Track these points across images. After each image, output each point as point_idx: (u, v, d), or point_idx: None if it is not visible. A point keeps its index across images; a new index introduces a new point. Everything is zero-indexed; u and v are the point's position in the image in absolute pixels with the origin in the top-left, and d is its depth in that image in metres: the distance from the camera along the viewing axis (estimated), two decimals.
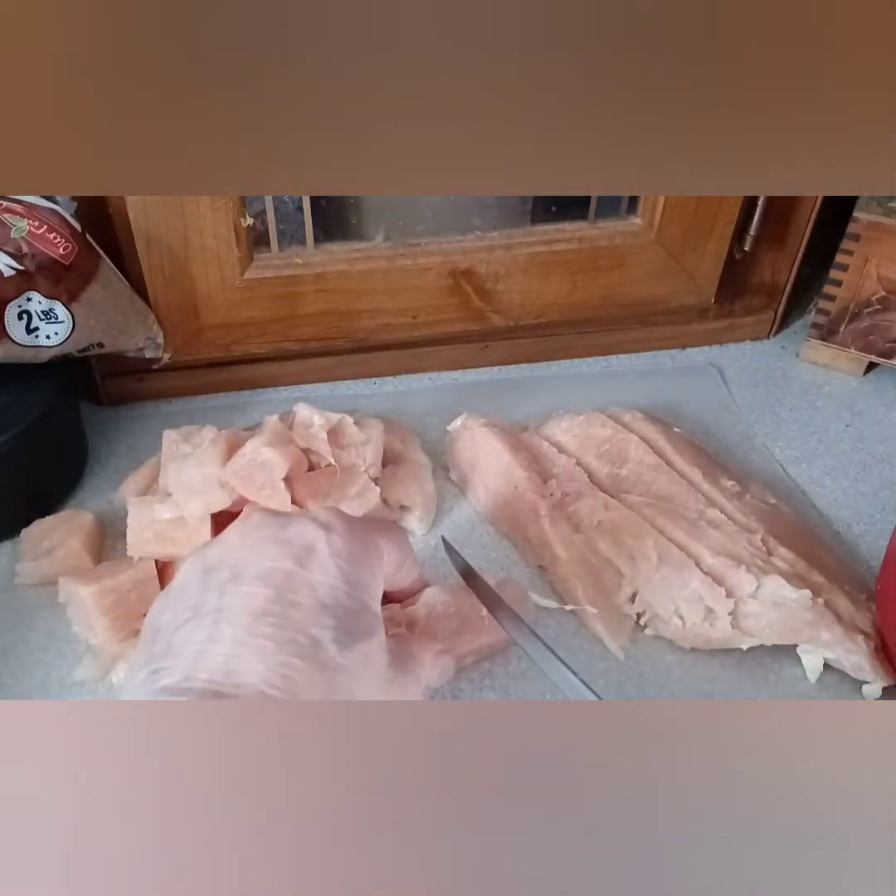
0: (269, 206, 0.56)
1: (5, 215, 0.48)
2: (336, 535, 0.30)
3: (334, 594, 0.29)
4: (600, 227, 0.62)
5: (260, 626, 0.27)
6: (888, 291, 0.62)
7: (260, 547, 0.30)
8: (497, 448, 0.54)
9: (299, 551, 0.29)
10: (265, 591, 0.28)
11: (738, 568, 0.45)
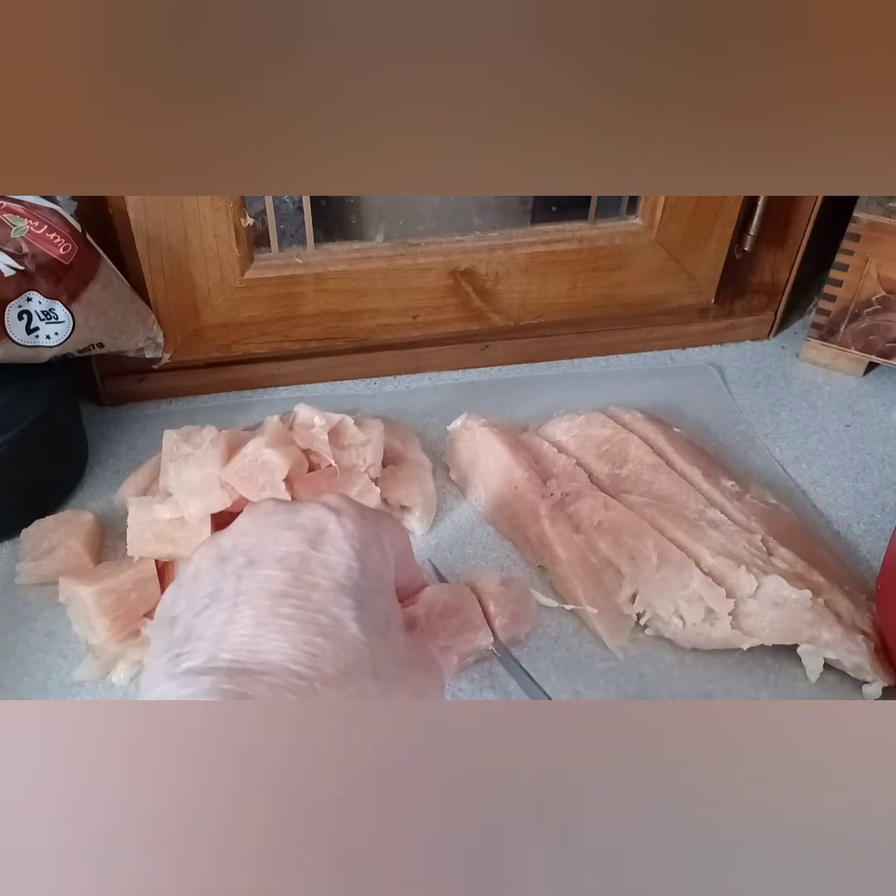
0: (269, 206, 0.56)
1: (5, 215, 0.48)
2: (347, 518, 0.30)
3: (350, 575, 0.29)
4: (600, 227, 0.62)
5: (281, 606, 0.27)
6: (888, 291, 0.62)
7: (273, 532, 0.30)
8: (497, 448, 0.54)
9: (312, 534, 0.29)
10: (283, 574, 0.28)
11: (739, 568, 0.45)
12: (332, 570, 0.29)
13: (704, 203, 0.61)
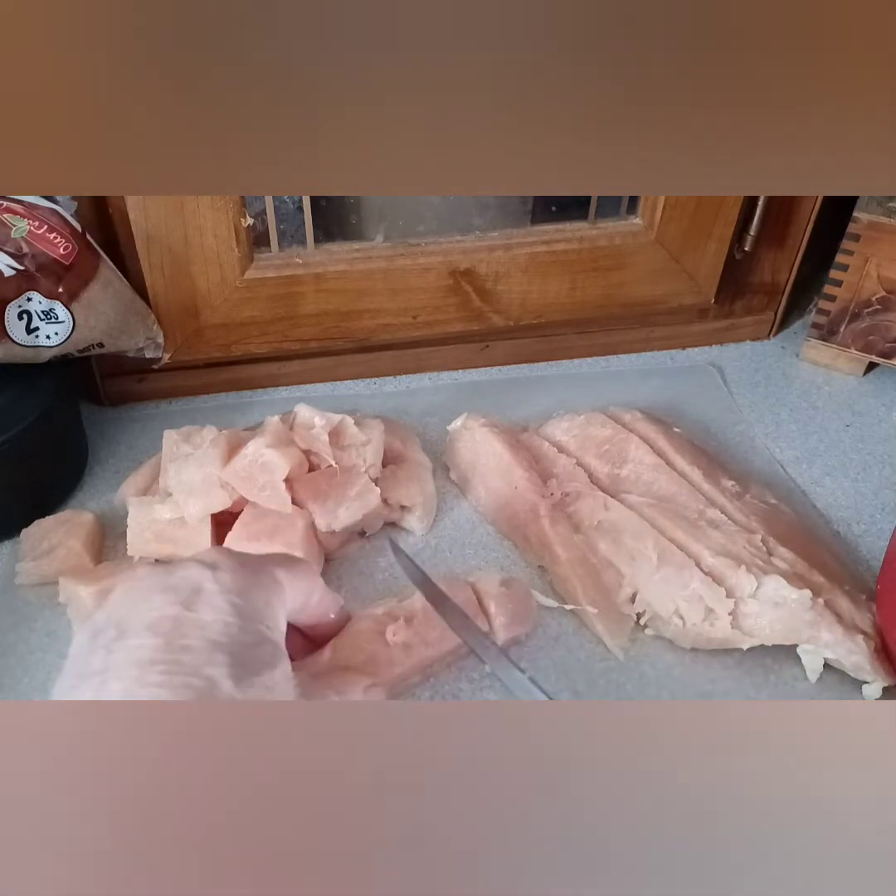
0: (269, 206, 0.56)
1: (5, 215, 0.48)
2: (223, 572, 0.30)
3: (228, 630, 0.28)
4: (600, 227, 0.62)
5: (150, 675, 0.26)
6: (888, 291, 0.62)
7: (145, 598, 0.29)
8: (497, 448, 0.54)
9: (186, 595, 0.29)
10: (153, 641, 0.27)
11: (738, 568, 0.45)
12: (205, 629, 0.28)
13: (704, 203, 0.61)
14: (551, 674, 0.44)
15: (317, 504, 0.47)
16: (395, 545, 0.45)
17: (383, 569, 0.50)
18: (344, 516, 0.48)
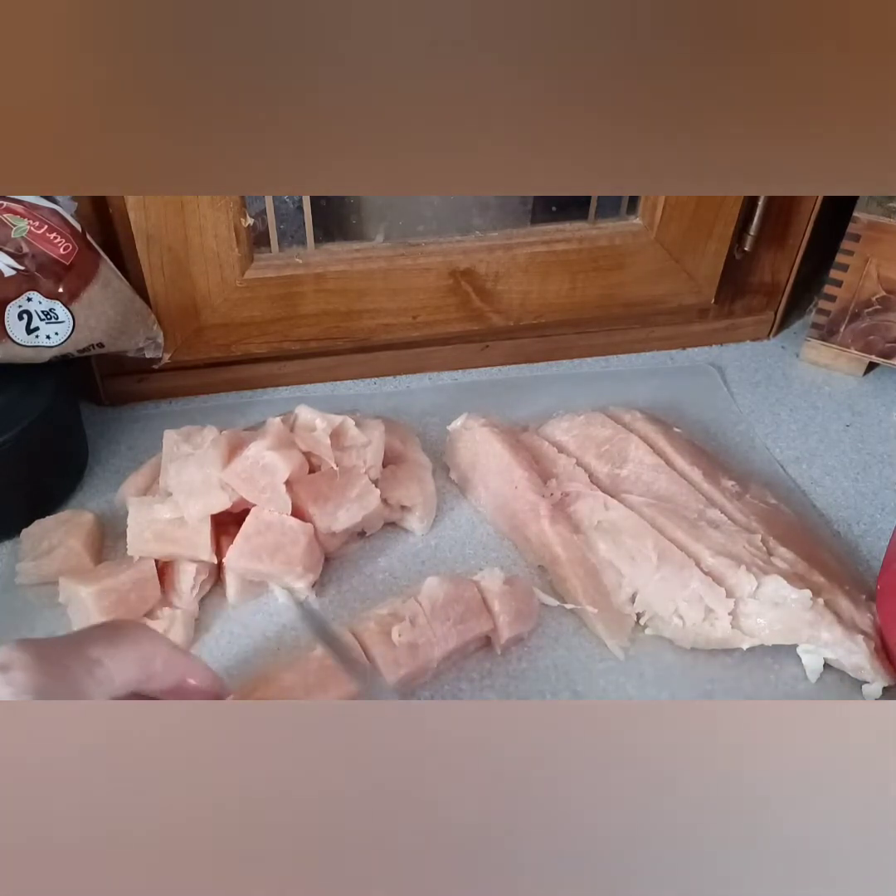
0: (269, 206, 0.56)
1: (5, 215, 0.48)
2: (17, 671, 0.28)
3: None
4: (600, 227, 0.62)
5: None
6: (888, 291, 0.62)
7: None
8: (497, 448, 0.54)
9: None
10: None
11: (738, 568, 0.45)
12: None
13: (704, 203, 0.61)
14: (551, 674, 0.44)
15: (317, 506, 0.47)
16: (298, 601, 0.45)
17: (383, 569, 0.50)
18: (344, 518, 0.48)
